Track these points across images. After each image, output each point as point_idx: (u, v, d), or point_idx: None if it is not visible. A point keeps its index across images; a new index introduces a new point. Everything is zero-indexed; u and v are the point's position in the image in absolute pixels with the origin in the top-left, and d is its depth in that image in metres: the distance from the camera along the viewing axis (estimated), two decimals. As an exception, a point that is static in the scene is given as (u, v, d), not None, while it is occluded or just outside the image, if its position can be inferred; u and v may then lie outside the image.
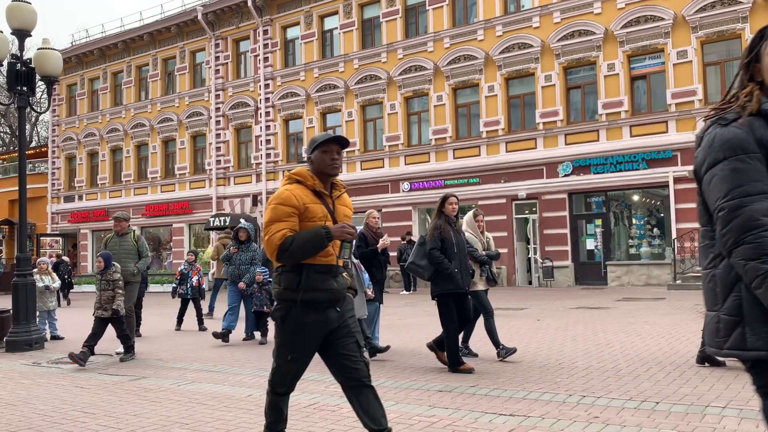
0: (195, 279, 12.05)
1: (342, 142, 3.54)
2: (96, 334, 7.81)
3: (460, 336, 7.05)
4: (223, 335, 9.28)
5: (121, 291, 7.92)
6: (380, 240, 8.06)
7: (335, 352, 3.45)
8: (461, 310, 6.64)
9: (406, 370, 6.69)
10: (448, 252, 6.52)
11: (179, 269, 12.42)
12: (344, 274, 3.58)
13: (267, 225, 3.37)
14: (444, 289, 6.51)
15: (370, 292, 7.79)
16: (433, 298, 6.67)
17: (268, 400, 3.59)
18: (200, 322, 11.73)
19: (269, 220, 3.37)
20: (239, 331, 9.89)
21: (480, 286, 7.28)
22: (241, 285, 9.62)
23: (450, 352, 6.49)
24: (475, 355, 7.39)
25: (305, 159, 3.59)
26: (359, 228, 7.54)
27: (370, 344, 7.38)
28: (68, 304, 20.06)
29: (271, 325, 10.20)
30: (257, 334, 9.66)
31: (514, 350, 7.09)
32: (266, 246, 3.35)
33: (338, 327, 3.43)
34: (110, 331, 8.13)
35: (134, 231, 8.93)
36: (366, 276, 7.87)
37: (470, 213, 7.75)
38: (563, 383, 5.76)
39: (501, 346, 7.05)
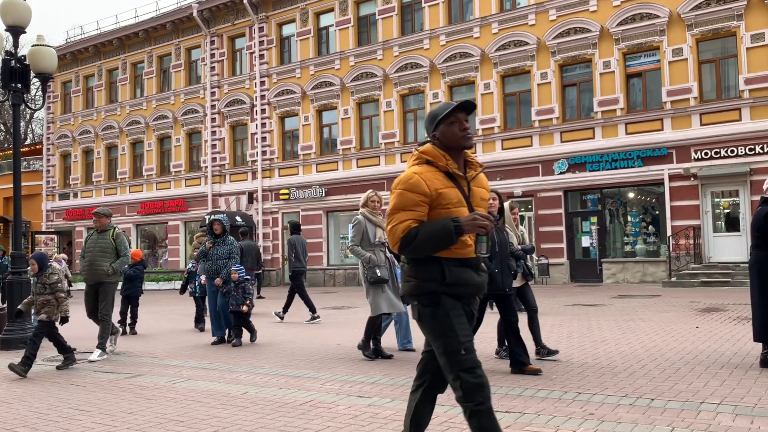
0: (203, 277, 11.54)
1: (468, 108, 3.12)
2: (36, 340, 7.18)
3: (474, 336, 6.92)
4: (218, 343, 9.02)
5: (63, 294, 7.36)
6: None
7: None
8: (504, 311, 6.37)
9: (402, 367, 6.69)
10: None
11: (187, 267, 11.96)
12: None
13: (392, 212, 3.00)
14: (488, 291, 6.33)
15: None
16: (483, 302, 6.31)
17: (475, 424, 2.98)
18: (197, 320, 11.49)
19: (394, 207, 3.00)
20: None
21: (516, 283, 6.93)
22: (218, 281, 9.10)
23: (513, 352, 6.17)
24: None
25: (427, 139, 3.18)
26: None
27: (377, 349, 7.32)
28: None
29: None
30: (244, 336, 9.10)
31: (555, 352, 6.85)
32: (389, 236, 3.02)
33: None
34: (100, 329, 8.12)
35: (115, 228, 8.43)
36: (399, 271, 7.58)
37: (506, 205, 7.39)
38: (559, 380, 5.77)
39: (541, 345, 6.83)
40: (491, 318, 7.19)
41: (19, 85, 9.70)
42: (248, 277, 9.47)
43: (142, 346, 9.18)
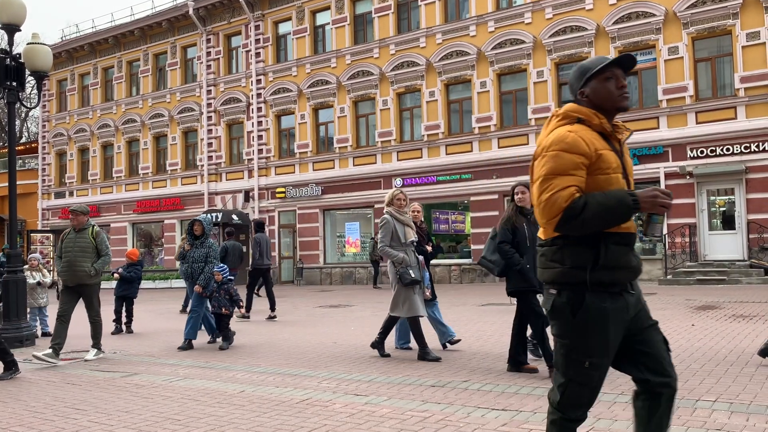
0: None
1: (626, 64, 2.64)
2: None
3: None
4: (184, 348, 8.50)
5: None
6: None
7: (637, 349, 2.62)
8: (526, 308, 6.18)
9: (399, 365, 6.69)
10: (519, 246, 6.01)
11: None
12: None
13: (546, 179, 2.48)
14: (515, 286, 6.07)
15: (428, 292, 7.42)
16: (508, 295, 6.25)
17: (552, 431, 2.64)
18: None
19: (549, 171, 2.48)
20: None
21: None
22: (197, 288, 8.68)
23: (545, 351, 5.94)
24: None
25: (574, 97, 2.72)
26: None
27: (425, 352, 7.04)
28: None
29: (240, 326, 10.13)
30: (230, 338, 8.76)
31: None
32: (544, 208, 2.48)
33: (637, 315, 2.60)
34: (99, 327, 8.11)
35: (93, 226, 8.07)
36: (427, 274, 7.51)
37: None
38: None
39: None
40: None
41: (14, 84, 9.66)
42: (232, 278, 9.10)
43: (139, 344, 9.17)
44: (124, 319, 10.91)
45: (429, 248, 7.88)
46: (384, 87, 23.46)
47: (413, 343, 7.62)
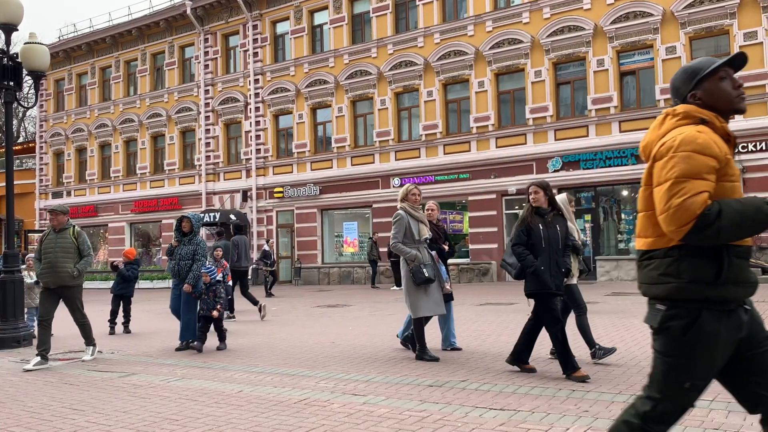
0: (219, 277, 10.86)
1: (738, 63, 2.50)
2: None
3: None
4: (181, 349, 8.39)
5: None
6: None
7: (749, 370, 2.41)
8: (541, 311, 5.95)
9: (397, 365, 6.69)
10: (534, 247, 5.85)
11: (205, 271, 11.25)
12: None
13: (677, 182, 2.24)
14: (531, 288, 5.89)
15: (448, 286, 7.21)
16: (527, 297, 6.05)
17: None
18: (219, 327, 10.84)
19: (681, 174, 2.24)
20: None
21: (574, 280, 6.50)
22: (187, 288, 8.39)
23: (561, 355, 5.76)
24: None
25: (679, 101, 2.54)
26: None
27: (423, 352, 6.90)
28: None
29: (232, 327, 10.05)
30: (220, 342, 8.45)
31: (613, 350, 6.40)
32: (674, 215, 2.22)
33: (750, 334, 2.39)
34: (96, 327, 8.09)
35: (74, 226, 7.84)
36: (444, 269, 7.27)
37: (563, 196, 6.80)
38: (553, 378, 5.79)
39: (597, 346, 6.41)
40: (576, 319, 6.47)
41: (12, 83, 9.65)
42: (220, 279, 8.89)
43: (136, 344, 9.16)
44: (121, 319, 10.89)
45: (446, 247, 7.66)
46: (382, 87, 23.46)
47: (461, 342, 7.61)
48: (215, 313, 8.30)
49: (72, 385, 6.38)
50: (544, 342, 7.86)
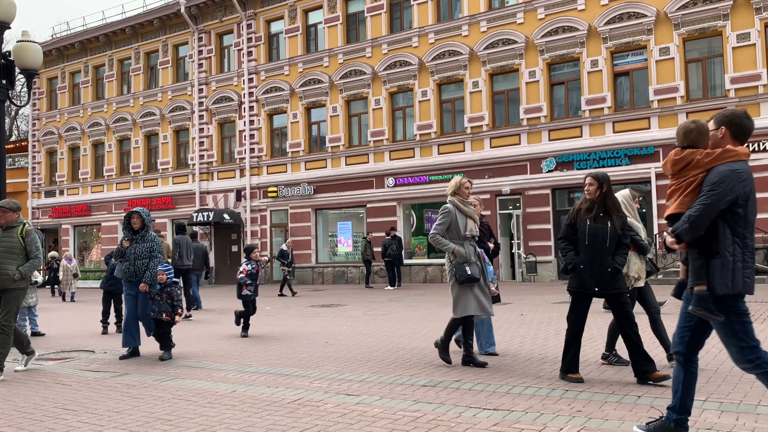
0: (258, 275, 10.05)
1: None
2: None
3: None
4: (129, 356, 7.83)
5: None
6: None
7: None
8: (574, 311, 5.66)
9: (391, 365, 6.69)
10: (579, 243, 5.54)
11: (246, 268, 9.75)
12: None
13: None
14: (570, 286, 5.64)
15: (494, 287, 6.87)
16: (569, 292, 5.77)
17: None
18: (244, 325, 9.72)
19: None
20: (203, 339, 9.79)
21: (641, 282, 6.11)
22: (143, 287, 7.74)
23: (564, 355, 5.62)
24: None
25: None
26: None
27: (470, 356, 6.50)
28: (63, 299, 19.81)
29: (227, 327, 10.06)
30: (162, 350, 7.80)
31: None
32: None
33: None
34: (89, 326, 8.05)
35: (25, 225, 7.15)
36: (491, 269, 6.93)
37: (627, 192, 6.38)
38: (546, 377, 5.80)
39: (614, 352, 6.14)
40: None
41: (4, 82, 9.59)
42: (176, 280, 8.30)
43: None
44: (113, 319, 10.83)
45: (491, 245, 7.36)
46: (376, 86, 23.45)
47: (499, 347, 7.21)
48: (178, 318, 7.72)
49: (64, 385, 6.35)
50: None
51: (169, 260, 12.37)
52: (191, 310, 13.14)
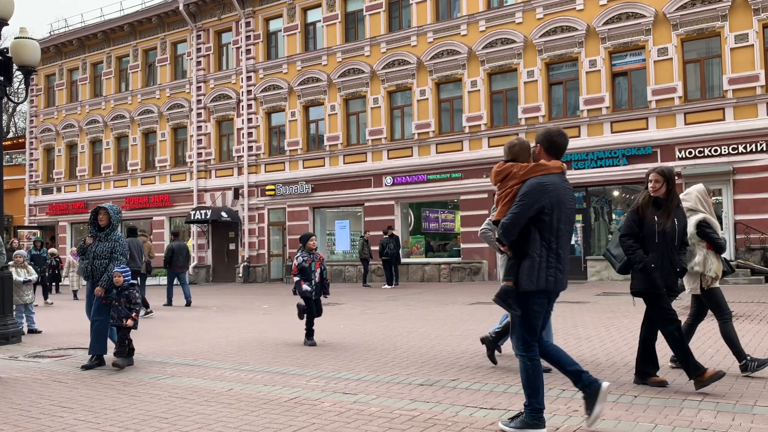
0: (318, 273, 8.59)
1: None
2: None
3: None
4: (90, 367, 7.06)
5: None
6: None
7: None
8: (654, 313, 5.36)
9: (388, 364, 6.69)
10: (646, 241, 5.23)
11: (296, 263, 8.62)
12: None
13: None
14: (638, 287, 5.31)
15: None
16: (633, 296, 5.46)
17: None
18: (307, 330, 8.49)
19: None
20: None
21: (716, 282, 5.73)
22: (98, 291, 7.14)
23: (681, 357, 5.21)
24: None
25: None
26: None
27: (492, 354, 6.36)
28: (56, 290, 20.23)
29: (226, 324, 10.11)
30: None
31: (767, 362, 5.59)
32: None
33: None
34: (86, 324, 8.05)
35: None
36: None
37: (701, 186, 6.00)
38: (544, 377, 5.79)
39: (749, 357, 5.61)
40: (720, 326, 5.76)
41: (2, 78, 9.57)
42: (134, 282, 7.74)
43: (126, 342, 9.10)
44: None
45: None
46: (375, 85, 23.44)
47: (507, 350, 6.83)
48: (129, 322, 7.07)
49: (61, 382, 6.35)
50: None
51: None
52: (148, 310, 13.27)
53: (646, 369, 5.40)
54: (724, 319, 5.68)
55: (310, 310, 8.44)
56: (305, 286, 8.36)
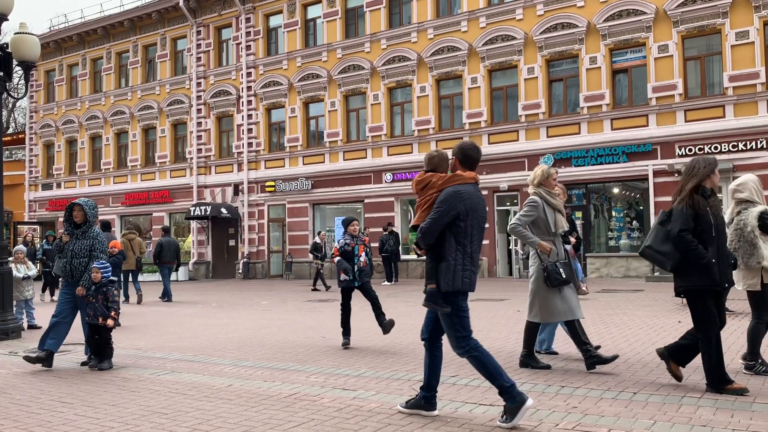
0: (363, 258, 8.07)
1: None
2: None
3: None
4: (41, 359, 6.72)
5: None
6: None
7: None
8: (718, 312, 5.03)
9: (387, 360, 6.70)
10: (704, 236, 4.90)
11: (337, 246, 8.17)
12: None
13: None
14: (695, 284, 4.94)
15: (584, 287, 6.26)
16: (678, 295, 5.23)
17: None
18: (380, 318, 8.02)
19: None
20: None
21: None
22: (80, 290, 6.81)
23: (711, 366, 4.93)
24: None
25: None
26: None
27: (528, 359, 6.10)
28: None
29: (225, 320, 10.14)
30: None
31: None
32: None
33: None
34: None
35: None
36: (579, 266, 6.38)
37: (753, 176, 5.77)
38: (542, 373, 5.81)
39: (760, 360, 5.52)
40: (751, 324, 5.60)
41: (1, 73, 9.56)
42: (114, 278, 7.38)
43: (125, 337, 9.12)
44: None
45: (573, 239, 6.75)
46: (375, 81, 23.41)
47: (557, 346, 6.74)
48: (110, 322, 6.81)
49: (61, 378, 6.36)
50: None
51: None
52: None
53: (720, 374, 4.94)
54: (763, 320, 5.48)
55: (345, 302, 7.92)
56: (343, 276, 7.92)
